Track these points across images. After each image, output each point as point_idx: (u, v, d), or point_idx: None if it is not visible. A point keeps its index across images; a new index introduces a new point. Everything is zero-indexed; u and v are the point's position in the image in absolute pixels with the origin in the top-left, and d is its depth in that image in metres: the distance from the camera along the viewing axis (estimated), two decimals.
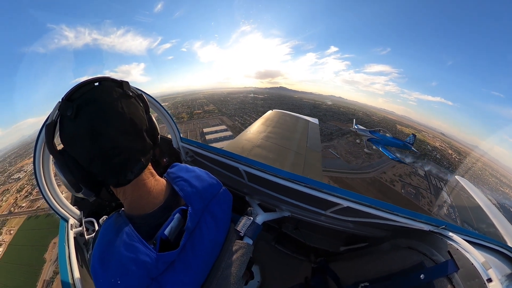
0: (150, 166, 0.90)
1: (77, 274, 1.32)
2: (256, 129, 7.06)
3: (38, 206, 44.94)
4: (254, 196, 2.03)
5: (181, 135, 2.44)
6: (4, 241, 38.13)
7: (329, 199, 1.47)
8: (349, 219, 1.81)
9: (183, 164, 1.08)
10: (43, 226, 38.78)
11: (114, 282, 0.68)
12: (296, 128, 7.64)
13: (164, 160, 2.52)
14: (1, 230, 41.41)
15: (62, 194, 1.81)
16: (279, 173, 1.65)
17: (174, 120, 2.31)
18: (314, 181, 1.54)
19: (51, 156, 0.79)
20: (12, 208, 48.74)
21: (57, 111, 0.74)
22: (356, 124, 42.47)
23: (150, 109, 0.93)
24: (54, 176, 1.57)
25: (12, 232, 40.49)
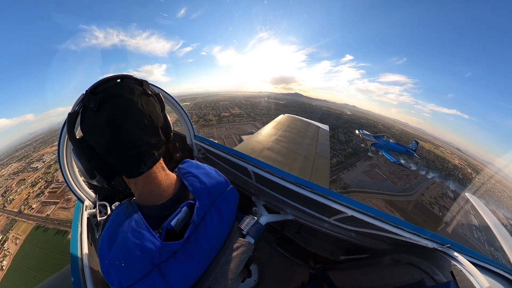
0: (162, 161, 0.94)
1: (85, 250, 1.39)
2: (267, 132, 7.07)
3: (47, 214, 43.87)
4: (260, 197, 2.04)
5: (195, 132, 2.50)
6: (9, 252, 36.03)
7: (333, 207, 1.45)
8: (352, 228, 1.78)
9: (194, 161, 1.12)
10: (50, 246, 35.60)
11: (118, 264, 0.72)
12: (306, 133, 7.59)
13: (177, 155, 2.59)
14: (9, 233, 40.64)
15: (81, 177, 1.93)
16: (286, 176, 1.65)
17: (190, 118, 2.37)
18: (320, 187, 1.53)
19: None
20: (22, 207, 48.81)
21: (80, 102, 0.80)
22: (361, 129, 42.81)
23: (167, 107, 0.99)
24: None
25: (18, 242, 38.23)
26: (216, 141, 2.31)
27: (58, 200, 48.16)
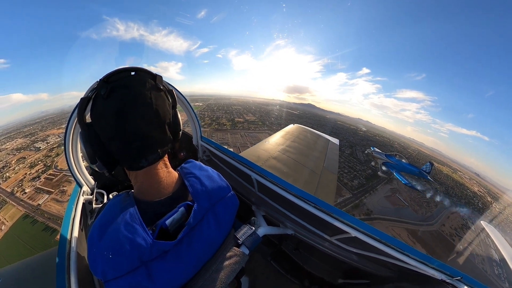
0: (165, 158, 0.94)
1: (76, 234, 1.41)
2: (275, 140, 7.06)
3: (39, 204, 42.65)
4: (261, 207, 2.02)
5: (202, 134, 2.53)
6: None
7: (337, 225, 1.41)
8: (354, 250, 1.73)
9: (197, 162, 1.11)
10: (35, 243, 32.91)
11: (106, 255, 0.72)
12: (315, 145, 7.53)
13: (182, 154, 2.64)
14: None
15: (84, 162, 2.00)
16: (290, 188, 1.63)
17: (199, 119, 2.43)
18: (325, 203, 1.50)
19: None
20: (16, 188, 47.97)
21: (93, 89, 0.84)
22: (372, 147, 41.79)
23: (178, 106, 1.00)
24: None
25: (3, 228, 36.61)
26: (231, 149, 2.33)
27: (53, 190, 47.23)
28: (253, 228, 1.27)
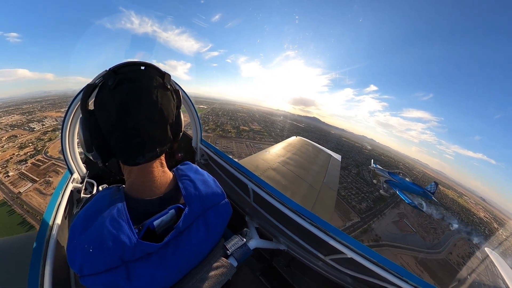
0: (163, 157, 0.94)
1: (58, 221, 1.37)
2: (276, 151, 7.05)
3: (20, 192, 39.22)
4: (254, 219, 1.98)
5: (203, 137, 2.52)
6: None
7: (332, 244, 1.38)
8: (349, 272, 1.67)
9: (194, 165, 1.10)
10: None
11: (86, 248, 0.69)
12: (316, 160, 7.50)
13: (179, 155, 2.63)
14: None
15: (78, 149, 1.98)
16: (287, 202, 1.60)
17: (200, 121, 2.43)
18: (322, 220, 1.47)
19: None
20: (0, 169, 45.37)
21: (101, 77, 0.84)
22: (374, 163, 41.25)
23: (182, 106, 0.99)
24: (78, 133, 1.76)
25: None
26: (236, 159, 2.31)
27: (38, 179, 43.65)
28: (244, 239, 1.23)
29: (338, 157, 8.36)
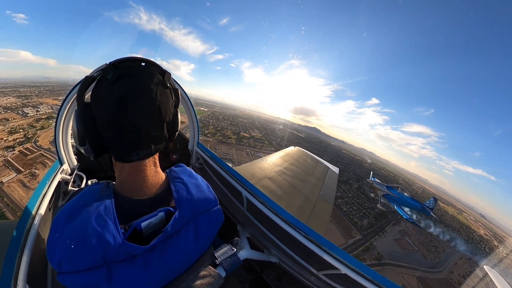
0: (156, 156, 0.93)
1: (42, 211, 1.34)
2: (273, 160, 7.03)
3: (2, 182, 37.88)
4: (246, 228, 1.94)
5: (200, 140, 2.50)
6: None
7: (326, 259, 1.34)
8: None
9: (188, 168, 1.08)
10: None
11: (68, 243, 0.67)
12: (313, 171, 7.49)
13: (174, 156, 2.59)
14: None
15: (72, 140, 1.97)
16: (281, 213, 1.58)
17: (199, 124, 2.42)
18: (316, 233, 1.45)
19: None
20: None
21: (100, 70, 0.83)
22: (373, 177, 41.11)
23: (181, 107, 0.99)
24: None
25: None
26: (232, 166, 2.29)
27: (23, 170, 42.14)
28: (235, 249, 1.19)
29: (336, 169, 8.35)
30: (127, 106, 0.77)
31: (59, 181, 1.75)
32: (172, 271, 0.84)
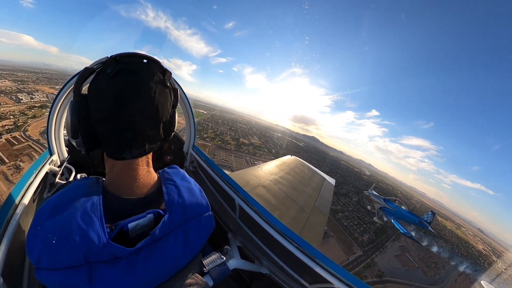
0: (150, 156, 0.92)
1: (25, 201, 1.30)
2: (268, 168, 7.01)
3: None
4: (238, 237, 1.90)
5: (197, 143, 2.48)
6: None
7: (318, 272, 1.32)
8: None
9: (182, 170, 1.05)
10: None
11: (49, 238, 0.64)
12: (309, 182, 7.47)
13: (168, 158, 2.58)
14: None
15: (65, 130, 1.94)
16: (274, 223, 1.56)
17: (196, 127, 2.42)
18: (309, 245, 1.43)
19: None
20: None
21: (100, 63, 0.82)
22: (371, 190, 41.00)
23: (179, 108, 0.98)
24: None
25: None
26: (227, 172, 2.27)
27: (7, 161, 39.65)
28: (224, 258, 1.15)
29: (332, 181, 8.35)
30: (124, 102, 0.75)
31: (46, 172, 1.71)
32: (157, 277, 0.80)
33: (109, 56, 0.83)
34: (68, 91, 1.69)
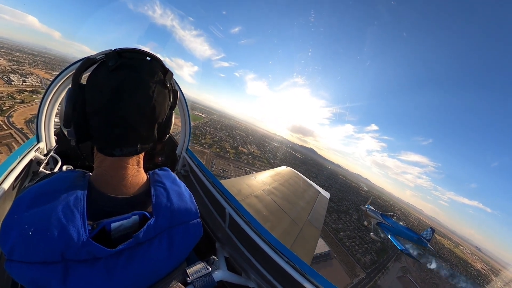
0: (141, 156, 0.91)
1: (5, 186, 1.26)
2: (262, 178, 6.98)
3: None
4: (226, 247, 1.85)
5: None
6: None
7: None
8: None
9: (173, 173, 1.03)
10: None
11: (26, 229, 0.61)
12: (304, 194, 7.43)
13: (160, 159, 2.56)
14: None
15: (56, 119, 1.92)
16: (265, 235, 1.53)
17: (191, 130, 2.41)
18: (300, 260, 1.40)
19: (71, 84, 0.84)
20: None
21: (103, 55, 0.82)
22: (368, 204, 40.66)
23: (176, 108, 0.96)
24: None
25: None
26: (219, 179, 2.25)
27: None
28: (210, 268, 1.10)
29: (327, 194, 8.33)
30: (121, 97, 0.75)
31: (31, 159, 1.67)
32: (137, 283, 0.77)
33: (112, 49, 0.83)
34: (65, 78, 1.67)
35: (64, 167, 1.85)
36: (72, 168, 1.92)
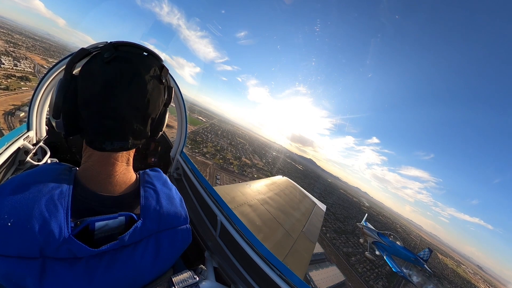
0: (131, 153, 0.89)
1: None
2: (257, 187, 6.93)
3: None
4: (215, 256, 1.82)
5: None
6: None
7: None
8: None
9: (164, 175, 1.01)
10: None
11: (5, 219, 0.58)
12: (299, 205, 7.40)
13: (152, 159, 2.54)
14: None
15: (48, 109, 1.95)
16: (257, 246, 1.51)
17: (187, 132, 2.40)
18: (293, 274, 1.38)
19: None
20: None
21: (98, 47, 0.82)
22: (365, 221, 40.51)
23: (173, 108, 0.97)
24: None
25: None
26: (212, 185, 2.26)
27: None
28: (197, 278, 1.07)
29: (323, 207, 8.32)
30: (115, 90, 0.74)
31: (19, 147, 1.66)
32: (118, 287, 0.73)
33: (108, 42, 0.83)
34: (60, 69, 1.69)
35: (49, 160, 1.84)
36: (58, 161, 1.90)
